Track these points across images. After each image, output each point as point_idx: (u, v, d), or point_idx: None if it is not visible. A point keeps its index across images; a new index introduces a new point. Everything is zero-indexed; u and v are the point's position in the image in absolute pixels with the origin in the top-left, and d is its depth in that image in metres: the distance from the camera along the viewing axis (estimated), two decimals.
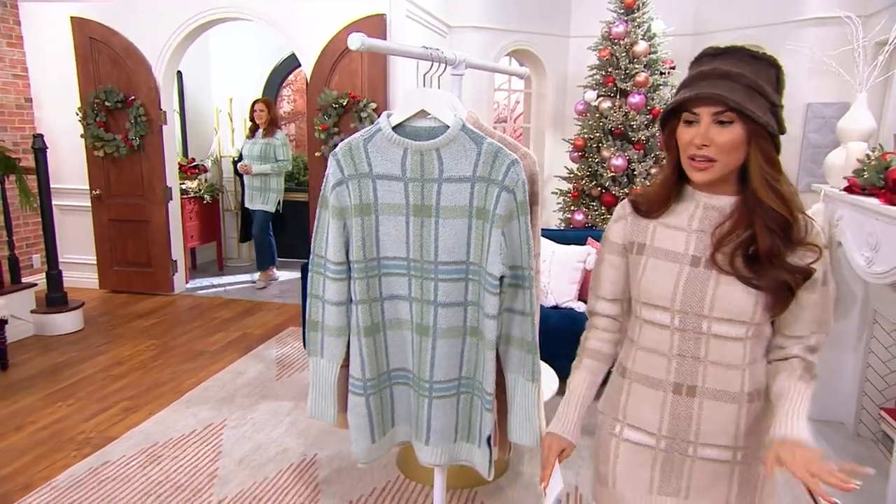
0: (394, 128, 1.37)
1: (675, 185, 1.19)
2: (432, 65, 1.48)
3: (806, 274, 1.10)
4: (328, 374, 1.49)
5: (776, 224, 1.09)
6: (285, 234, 6.78)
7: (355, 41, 1.25)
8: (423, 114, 1.36)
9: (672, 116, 1.14)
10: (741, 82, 1.07)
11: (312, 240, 1.46)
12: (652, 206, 1.20)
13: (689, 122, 1.11)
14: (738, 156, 1.10)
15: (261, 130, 5.63)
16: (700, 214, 1.17)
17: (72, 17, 5.07)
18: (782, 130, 1.12)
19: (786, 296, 1.10)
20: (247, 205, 5.85)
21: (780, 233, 1.09)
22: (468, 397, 1.44)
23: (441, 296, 1.36)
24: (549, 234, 3.78)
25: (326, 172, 1.41)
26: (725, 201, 1.15)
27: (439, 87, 1.54)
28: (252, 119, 5.71)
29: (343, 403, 1.52)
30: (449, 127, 1.31)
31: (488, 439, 1.40)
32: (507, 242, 1.29)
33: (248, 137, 5.81)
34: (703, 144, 1.08)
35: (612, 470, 1.26)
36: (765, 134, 1.09)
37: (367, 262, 1.40)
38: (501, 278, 1.29)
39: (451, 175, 1.31)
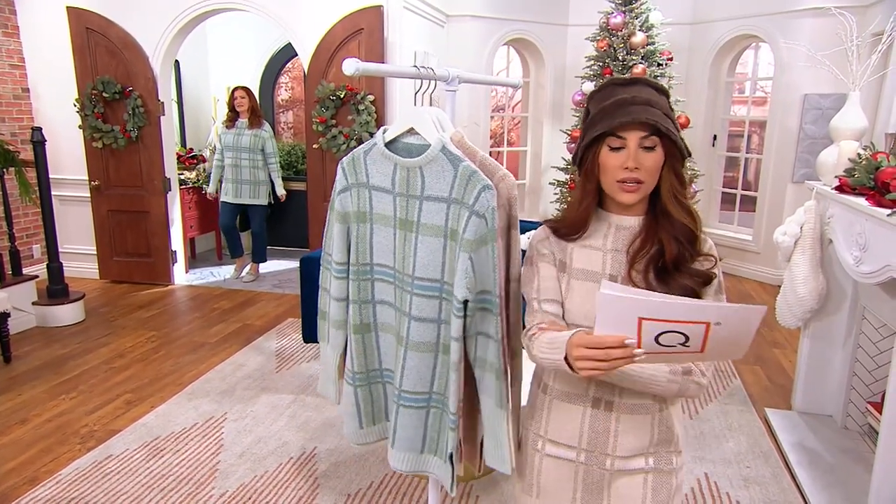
0: (388, 143, 1.41)
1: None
2: (422, 83, 1.50)
3: (707, 278, 1.19)
4: (331, 360, 1.65)
5: (683, 235, 1.18)
6: (284, 223, 6.80)
7: (350, 67, 1.28)
8: (415, 130, 1.39)
9: (594, 144, 1.19)
10: (659, 109, 1.15)
11: (324, 237, 1.59)
12: (571, 231, 1.26)
13: (614, 149, 1.16)
14: (657, 177, 1.18)
15: (244, 120, 5.37)
16: (613, 234, 1.24)
17: (68, 7, 5.04)
18: (689, 153, 1.21)
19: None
20: (231, 199, 5.44)
21: (686, 243, 1.18)
22: (438, 412, 1.49)
23: (414, 309, 1.40)
24: None
25: (336, 178, 1.53)
26: (634, 221, 1.23)
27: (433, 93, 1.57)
28: (232, 108, 5.39)
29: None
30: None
31: (450, 456, 1.44)
32: (476, 267, 1.30)
33: (227, 127, 5.41)
34: (635, 167, 1.14)
35: (536, 483, 1.32)
36: (678, 155, 1.18)
37: (360, 266, 1.52)
38: (466, 302, 1.31)
39: (430, 194, 1.36)
